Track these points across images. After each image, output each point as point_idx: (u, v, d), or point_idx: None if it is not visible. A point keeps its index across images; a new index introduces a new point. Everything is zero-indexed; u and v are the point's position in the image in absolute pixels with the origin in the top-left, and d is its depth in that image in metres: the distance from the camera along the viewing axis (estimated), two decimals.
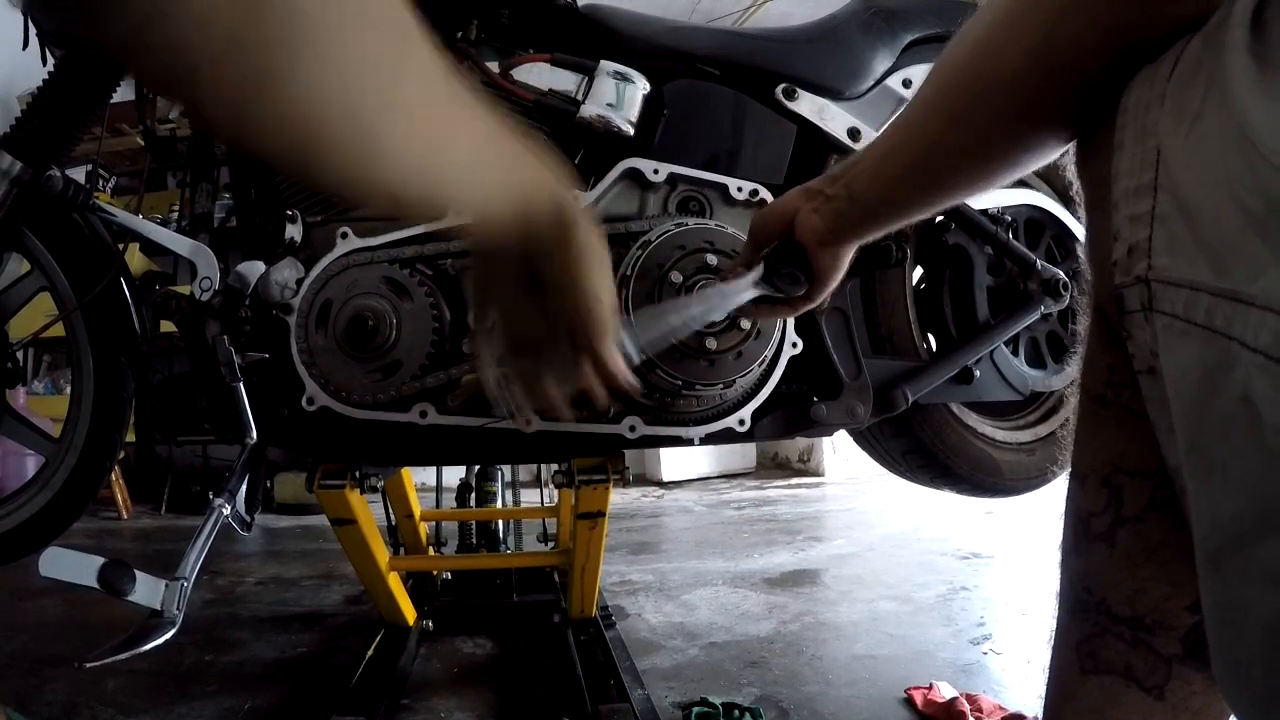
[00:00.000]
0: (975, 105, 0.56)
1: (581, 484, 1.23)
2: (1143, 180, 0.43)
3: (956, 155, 0.60)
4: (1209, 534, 0.39)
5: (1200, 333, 0.37)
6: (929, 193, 0.65)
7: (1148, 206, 0.42)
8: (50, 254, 1.20)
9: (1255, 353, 0.34)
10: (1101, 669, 0.52)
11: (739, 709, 1.35)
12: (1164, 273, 0.41)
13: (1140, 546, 0.50)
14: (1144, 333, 0.44)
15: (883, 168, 0.66)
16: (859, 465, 3.68)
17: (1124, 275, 0.44)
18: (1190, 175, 0.40)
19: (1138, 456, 0.49)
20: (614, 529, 2.91)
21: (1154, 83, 0.44)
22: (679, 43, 1.22)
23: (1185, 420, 0.40)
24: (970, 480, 1.37)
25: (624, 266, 1.05)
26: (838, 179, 0.71)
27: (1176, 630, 0.50)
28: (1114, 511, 0.51)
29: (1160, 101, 0.43)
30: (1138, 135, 0.44)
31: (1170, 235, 0.41)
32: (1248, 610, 0.36)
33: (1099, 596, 0.52)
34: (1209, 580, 0.40)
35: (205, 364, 1.10)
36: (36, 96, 1.13)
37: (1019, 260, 1.30)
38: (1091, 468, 0.53)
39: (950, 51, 0.59)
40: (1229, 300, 0.36)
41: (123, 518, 3.44)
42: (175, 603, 0.99)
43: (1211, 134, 0.39)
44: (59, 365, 3.77)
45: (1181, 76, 0.42)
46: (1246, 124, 0.35)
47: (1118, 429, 0.51)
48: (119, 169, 4.03)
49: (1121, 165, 0.45)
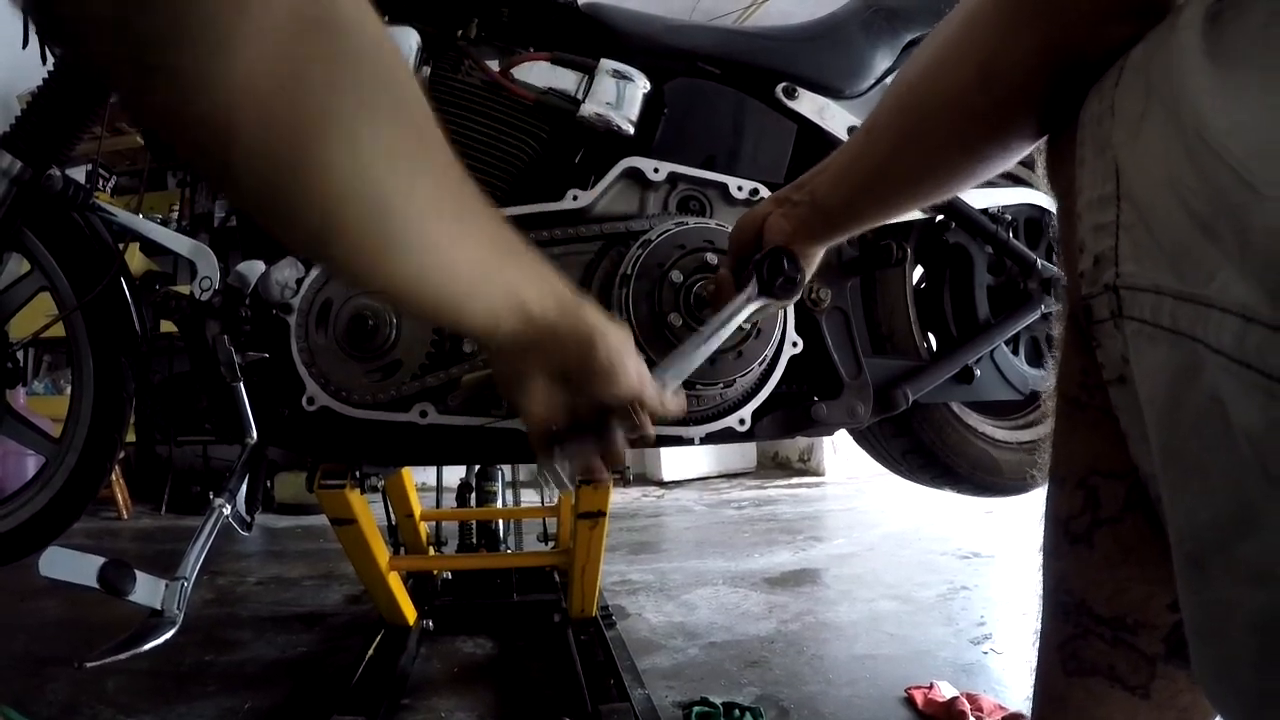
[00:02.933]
0: (927, 123, 0.59)
1: (582, 483, 1.23)
2: (1104, 191, 0.43)
3: (911, 168, 0.62)
4: (1187, 536, 0.39)
5: (1168, 336, 0.38)
6: (886, 201, 0.68)
7: (1111, 216, 0.42)
8: (50, 254, 1.20)
9: (1219, 354, 0.34)
10: (1085, 670, 0.52)
11: (739, 708, 1.35)
12: (1131, 279, 0.41)
13: (1119, 547, 0.50)
14: (1114, 341, 0.44)
15: (844, 176, 0.69)
16: (859, 465, 3.68)
17: (1090, 285, 0.45)
18: (1143, 179, 0.40)
19: (1113, 458, 0.49)
20: (614, 529, 2.91)
21: (1103, 95, 0.45)
22: (679, 41, 1.22)
23: (1158, 424, 0.40)
24: (971, 480, 1.37)
25: (624, 266, 1.05)
26: (804, 186, 0.75)
27: (1159, 629, 0.50)
28: (1091, 513, 0.51)
29: (1110, 113, 0.43)
30: (1096, 149, 0.44)
31: (1135, 242, 0.41)
32: (1233, 611, 0.36)
33: (1079, 598, 0.52)
34: (1191, 582, 0.39)
35: (205, 364, 1.10)
36: (36, 96, 1.13)
37: (1019, 259, 1.30)
38: (1069, 470, 0.54)
39: (905, 69, 0.62)
40: (1190, 303, 0.36)
41: (123, 518, 3.44)
42: (175, 602, 0.99)
43: (1154, 135, 0.39)
44: (59, 365, 3.76)
45: (1125, 84, 0.43)
46: (1202, 125, 0.35)
47: (1093, 431, 0.51)
48: (119, 168, 4.03)
49: (1084, 179, 0.45)
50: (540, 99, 1.13)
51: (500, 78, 1.13)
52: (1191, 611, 0.40)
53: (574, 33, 1.19)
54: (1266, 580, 0.34)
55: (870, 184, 0.67)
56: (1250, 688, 0.36)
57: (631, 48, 1.18)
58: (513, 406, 0.64)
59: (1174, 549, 0.40)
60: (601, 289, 1.09)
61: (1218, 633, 0.38)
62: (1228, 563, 0.36)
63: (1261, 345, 0.32)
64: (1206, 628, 0.39)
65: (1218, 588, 0.37)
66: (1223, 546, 0.36)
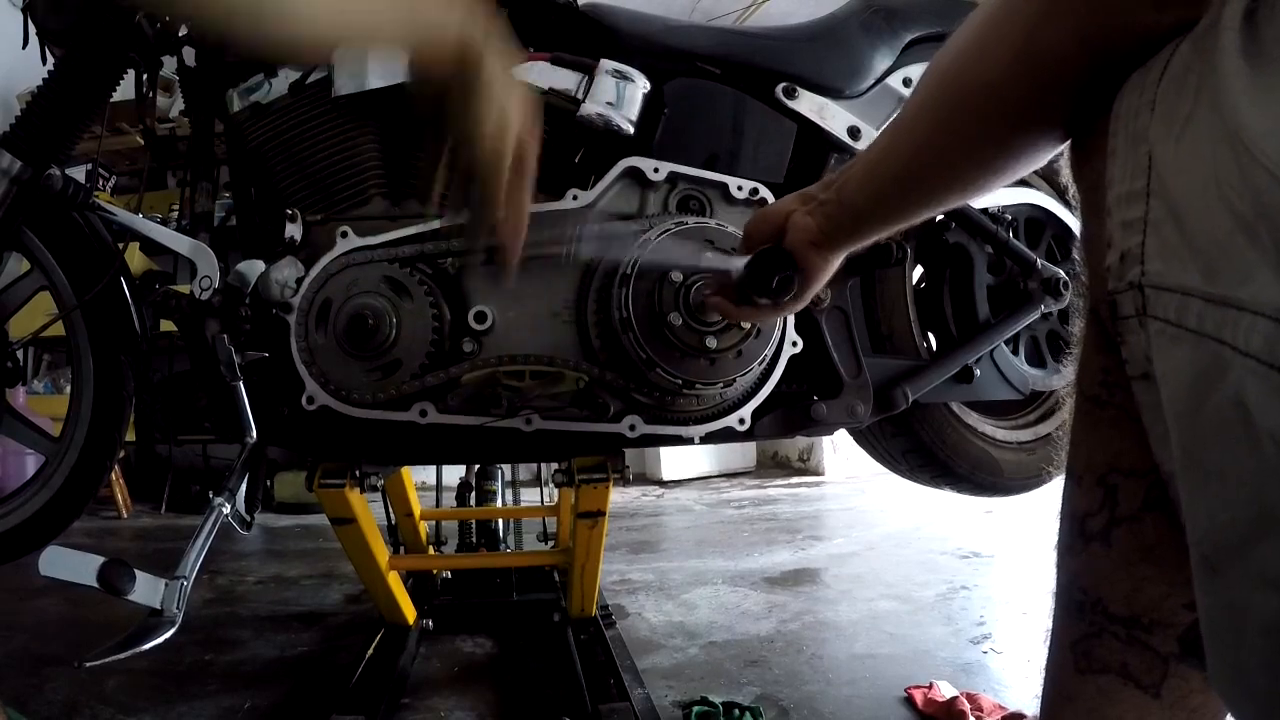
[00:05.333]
0: (960, 112, 0.57)
1: (581, 483, 1.23)
2: (1135, 186, 0.43)
3: (943, 161, 0.61)
4: (1205, 538, 0.39)
5: (1192, 338, 0.37)
6: (918, 198, 0.66)
7: (1140, 212, 0.42)
8: (50, 253, 1.20)
9: (1247, 357, 0.34)
10: (1097, 668, 0.52)
11: (739, 708, 1.35)
12: (1157, 278, 0.41)
13: (1136, 546, 0.50)
14: (1138, 338, 0.44)
15: (873, 172, 0.67)
16: (859, 464, 3.68)
17: (1117, 281, 0.44)
18: (1181, 180, 0.39)
19: (1133, 456, 0.49)
20: (614, 528, 2.91)
21: (1144, 89, 0.44)
22: (679, 41, 1.22)
23: (1179, 425, 0.40)
24: (970, 479, 1.37)
25: (624, 265, 1.05)
26: (831, 184, 0.72)
27: (1173, 629, 0.49)
28: (1109, 511, 0.51)
29: (1150, 107, 0.43)
30: (1129, 142, 0.44)
31: (1163, 240, 0.40)
32: (1249, 614, 0.36)
33: (1095, 596, 0.52)
34: (1206, 584, 0.39)
35: (205, 363, 1.10)
36: (36, 95, 1.13)
37: (1020, 259, 1.30)
38: (1087, 468, 0.53)
39: (937, 60, 0.60)
40: (1219, 305, 0.36)
41: (122, 517, 3.44)
42: (175, 602, 0.99)
43: (1202, 137, 0.38)
44: (59, 364, 3.76)
45: (1171, 81, 0.42)
46: (1239, 126, 0.35)
47: (1113, 429, 0.51)
48: (119, 168, 4.03)
49: (1114, 172, 0.45)
50: (540, 99, 1.13)
51: None
52: (1207, 613, 0.40)
53: (574, 33, 1.19)
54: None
55: (900, 181, 0.65)
56: (1265, 690, 0.36)
57: (631, 48, 1.18)
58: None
59: (1191, 550, 0.40)
60: (601, 289, 1.09)
61: (1233, 635, 0.38)
62: (1245, 565, 0.36)
63: None
64: (1222, 629, 0.39)
65: (1235, 590, 0.37)
66: (1241, 549, 0.36)
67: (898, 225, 0.70)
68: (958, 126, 0.58)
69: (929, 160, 0.61)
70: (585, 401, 1.10)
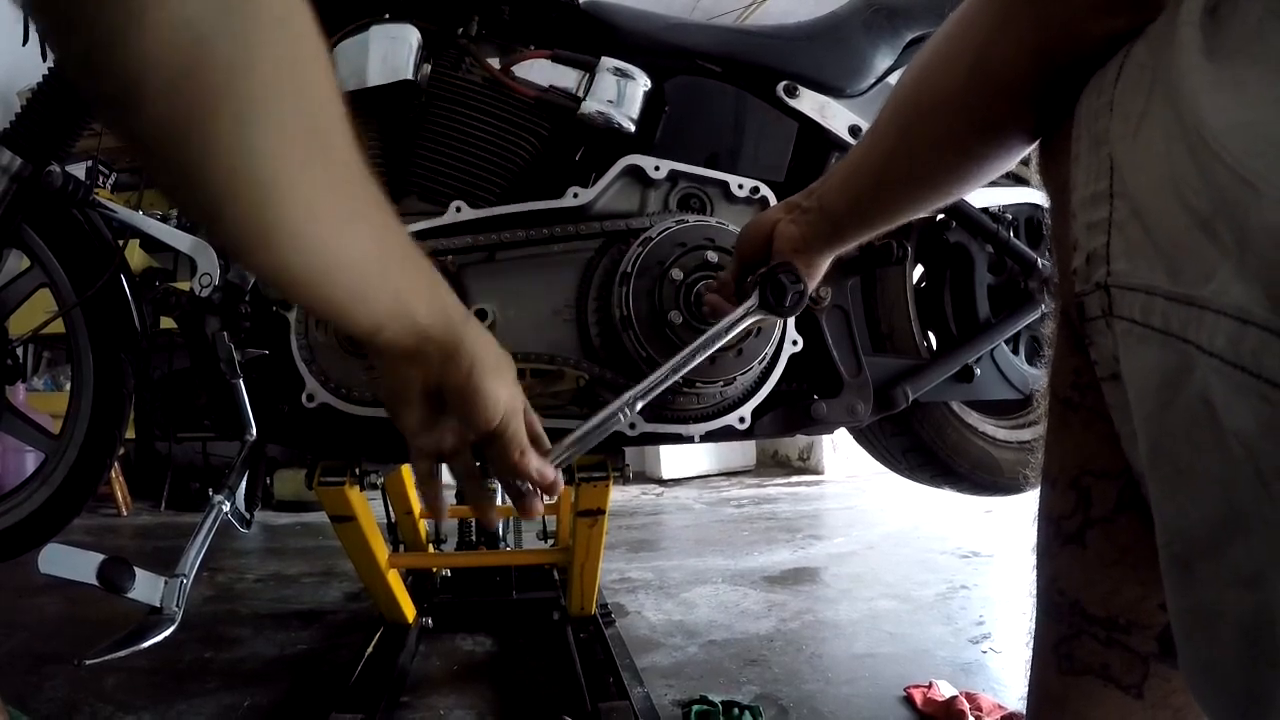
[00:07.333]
0: (926, 122, 0.60)
1: (581, 481, 1.23)
2: (1099, 188, 0.43)
3: (913, 168, 0.63)
4: (1176, 538, 0.39)
5: (1158, 337, 0.37)
6: (892, 204, 0.69)
7: (1105, 214, 0.42)
8: (50, 250, 1.20)
9: (1211, 356, 0.33)
10: (1079, 669, 0.52)
11: (739, 707, 1.35)
12: (1122, 278, 0.41)
13: (1111, 547, 0.50)
14: (1106, 339, 0.44)
15: (850, 181, 0.70)
16: (859, 463, 3.69)
17: (1083, 283, 0.44)
18: (1140, 178, 0.40)
19: (1105, 458, 0.49)
20: (614, 526, 2.91)
21: (1102, 90, 0.44)
22: (680, 39, 1.22)
23: (1147, 425, 0.40)
24: (970, 478, 1.37)
25: (624, 263, 1.05)
26: (813, 192, 0.76)
27: (1152, 629, 0.49)
28: (1083, 513, 0.51)
29: (1109, 108, 0.43)
30: (1091, 144, 0.44)
31: (1127, 240, 0.40)
32: (1221, 613, 0.36)
33: (1073, 598, 0.52)
34: (1178, 584, 0.39)
35: (205, 360, 1.10)
36: (36, 92, 1.13)
37: (1020, 259, 1.30)
38: (1061, 470, 0.53)
39: (907, 70, 0.63)
40: (1183, 304, 0.35)
41: (122, 514, 3.44)
42: (175, 600, 0.99)
43: (1157, 134, 0.38)
44: (59, 362, 3.76)
45: (1126, 81, 0.43)
46: (1199, 122, 0.35)
47: (1085, 431, 0.51)
48: (119, 165, 4.02)
49: (1078, 175, 0.45)
50: (541, 96, 1.13)
51: (501, 75, 1.13)
52: (1179, 612, 0.40)
53: (575, 30, 1.19)
54: (1256, 583, 0.34)
55: (873, 188, 0.68)
56: (1237, 689, 0.36)
57: (632, 45, 1.18)
58: (390, 416, 0.63)
59: (1161, 550, 0.40)
60: (601, 287, 1.09)
61: (1205, 634, 0.38)
62: (1217, 565, 0.36)
63: (1257, 348, 0.31)
64: (1194, 629, 0.39)
65: (1206, 590, 0.37)
66: (1212, 549, 0.36)
67: (877, 229, 0.73)
68: (924, 134, 0.60)
69: (900, 167, 0.64)
70: (585, 400, 1.10)
